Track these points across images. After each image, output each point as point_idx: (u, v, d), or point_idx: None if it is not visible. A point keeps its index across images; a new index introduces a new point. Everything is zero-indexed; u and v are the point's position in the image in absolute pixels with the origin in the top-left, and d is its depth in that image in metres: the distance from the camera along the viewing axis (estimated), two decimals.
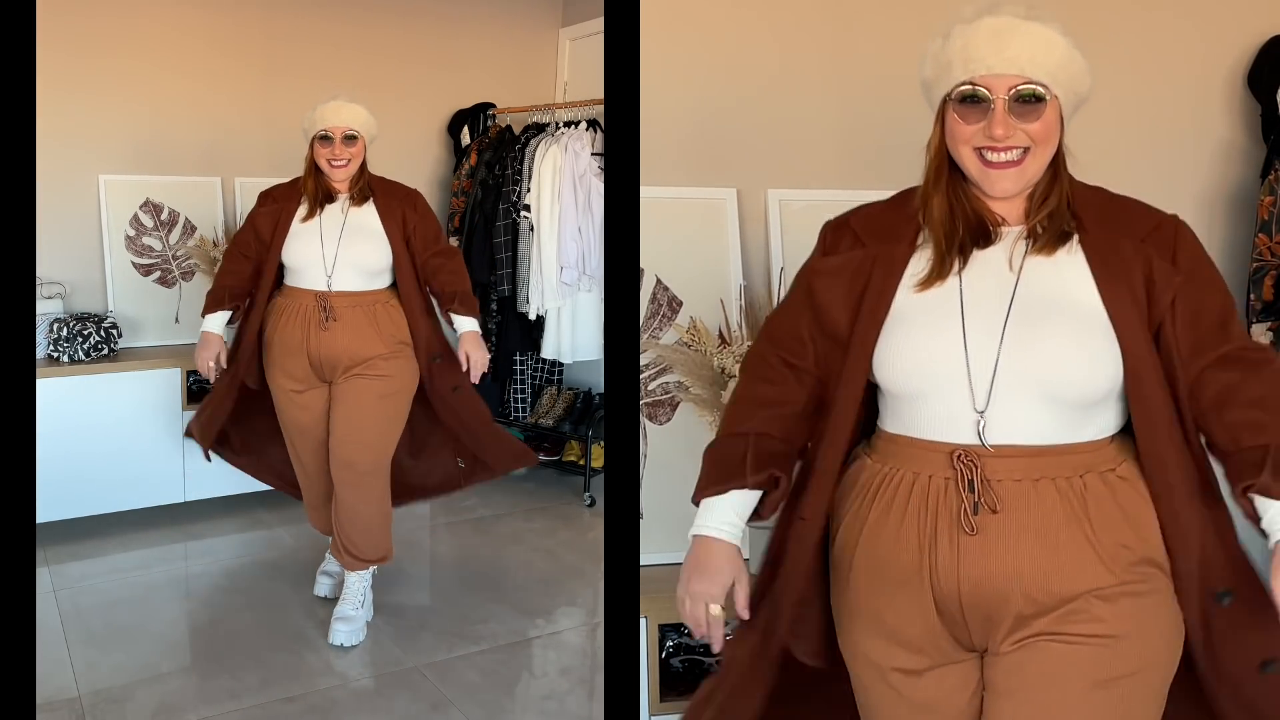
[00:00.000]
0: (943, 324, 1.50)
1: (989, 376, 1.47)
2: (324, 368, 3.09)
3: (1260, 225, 2.66)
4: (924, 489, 1.50)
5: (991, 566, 1.46)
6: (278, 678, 2.93)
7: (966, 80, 1.47)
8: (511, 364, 4.93)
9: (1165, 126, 2.75)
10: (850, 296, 1.58)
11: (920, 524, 1.50)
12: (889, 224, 1.61)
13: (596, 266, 4.47)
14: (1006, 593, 1.46)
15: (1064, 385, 1.46)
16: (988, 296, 1.51)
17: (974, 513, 1.46)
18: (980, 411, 1.47)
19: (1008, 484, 1.47)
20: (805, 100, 2.62)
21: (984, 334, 1.48)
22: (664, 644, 2.43)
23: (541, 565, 3.86)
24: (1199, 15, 2.75)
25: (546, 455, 4.95)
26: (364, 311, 3.07)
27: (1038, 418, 1.47)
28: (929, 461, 1.51)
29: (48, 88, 3.02)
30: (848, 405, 1.57)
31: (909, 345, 1.52)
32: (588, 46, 5.23)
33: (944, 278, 1.52)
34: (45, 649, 3.03)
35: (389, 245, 3.08)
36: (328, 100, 3.05)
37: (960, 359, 1.48)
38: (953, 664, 1.54)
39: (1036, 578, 1.46)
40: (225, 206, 4.67)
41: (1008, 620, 1.48)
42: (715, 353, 2.36)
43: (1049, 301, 1.49)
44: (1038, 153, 1.49)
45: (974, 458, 1.47)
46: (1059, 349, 1.46)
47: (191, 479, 4.16)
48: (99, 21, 4.36)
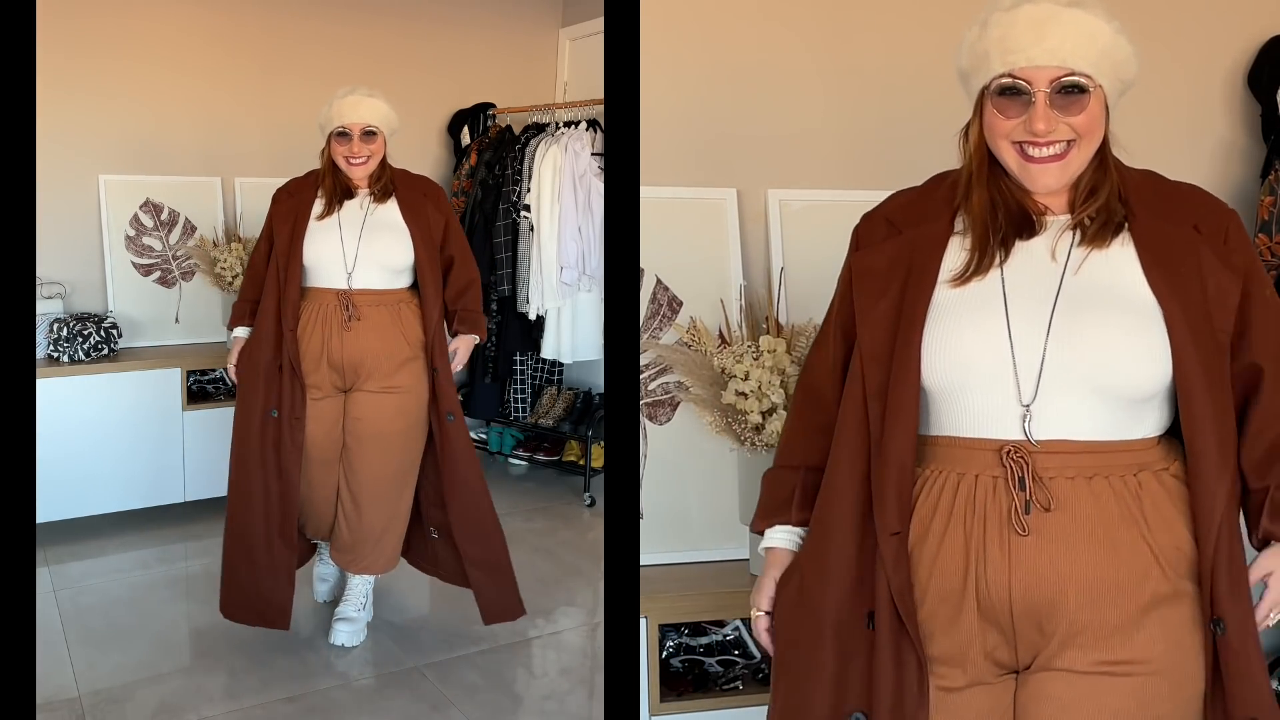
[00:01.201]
0: (986, 317, 1.44)
1: (1036, 369, 1.41)
2: (346, 372, 2.94)
3: (1260, 225, 2.66)
4: (970, 490, 1.43)
5: (1045, 570, 1.39)
6: (278, 678, 2.93)
7: (1005, 72, 1.41)
8: (511, 364, 4.93)
9: (1165, 126, 2.75)
10: (889, 293, 1.51)
11: (967, 527, 1.43)
12: (923, 209, 1.55)
13: (596, 266, 4.47)
14: (1061, 597, 1.39)
15: (1113, 378, 1.40)
16: (1032, 288, 1.45)
17: (1026, 512, 1.40)
18: (1026, 405, 1.42)
19: (1060, 481, 1.40)
20: (805, 100, 2.62)
21: (1029, 326, 1.43)
22: (664, 644, 2.43)
23: (541, 565, 3.86)
24: (1199, 15, 2.75)
25: (546, 455, 4.95)
26: (388, 311, 2.94)
27: (1088, 412, 1.41)
28: (974, 460, 1.44)
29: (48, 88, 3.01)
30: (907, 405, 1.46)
31: (952, 340, 1.45)
32: (588, 46, 5.23)
33: (984, 273, 1.46)
34: (45, 649, 3.03)
35: (411, 242, 2.93)
36: (345, 93, 2.92)
37: (1005, 352, 1.42)
38: (986, 685, 1.46)
39: (1094, 580, 1.39)
40: (225, 206, 4.67)
41: (1062, 627, 1.40)
42: (715, 353, 2.36)
43: (1097, 292, 1.43)
44: (1082, 145, 1.43)
45: (1024, 454, 1.41)
46: (1108, 341, 1.40)
47: (191, 479, 4.17)
48: (99, 22, 4.36)
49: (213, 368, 4.43)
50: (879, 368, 1.49)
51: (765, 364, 2.31)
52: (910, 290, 1.49)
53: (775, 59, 2.61)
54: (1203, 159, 2.79)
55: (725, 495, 2.48)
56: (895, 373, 1.46)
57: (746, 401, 2.30)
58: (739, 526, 2.43)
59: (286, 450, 2.88)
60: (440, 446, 2.95)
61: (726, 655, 2.47)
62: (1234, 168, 2.80)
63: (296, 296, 2.90)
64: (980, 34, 1.44)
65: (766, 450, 2.31)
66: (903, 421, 1.45)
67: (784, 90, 2.61)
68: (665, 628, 2.43)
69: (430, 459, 3.02)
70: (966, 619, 1.43)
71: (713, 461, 2.50)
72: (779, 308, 2.49)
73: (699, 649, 2.48)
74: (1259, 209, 2.67)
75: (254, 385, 2.91)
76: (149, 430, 4.07)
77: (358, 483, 3.00)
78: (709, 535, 2.51)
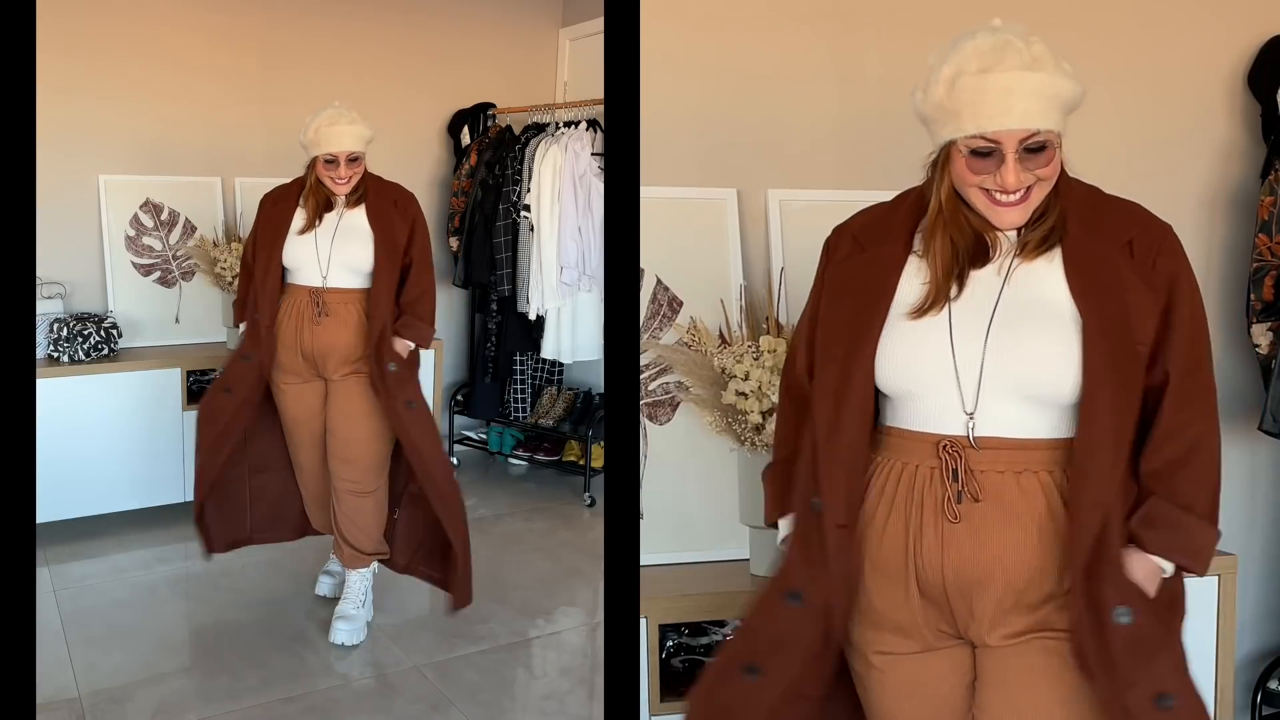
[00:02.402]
0: (931, 330, 1.57)
1: (975, 380, 1.55)
2: (317, 362, 3.12)
3: (1260, 225, 2.66)
4: (910, 478, 1.58)
5: (974, 554, 1.54)
6: (278, 678, 2.93)
7: (978, 134, 1.51)
8: (511, 364, 4.93)
9: (1165, 126, 2.75)
10: (850, 304, 1.64)
11: (907, 513, 1.58)
12: (886, 229, 1.67)
13: (596, 266, 4.47)
14: (988, 579, 1.54)
15: (1041, 385, 1.53)
16: (975, 302, 1.57)
17: (957, 501, 1.54)
18: (969, 413, 1.55)
19: (990, 475, 1.54)
20: (805, 100, 2.62)
21: (970, 339, 1.56)
22: (664, 644, 2.43)
23: (541, 565, 3.86)
24: (1199, 15, 2.75)
25: (546, 455, 4.95)
26: (357, 308, 3.11)
27: (1021, 415, 1.54)
28: (916, 451, 1.59)
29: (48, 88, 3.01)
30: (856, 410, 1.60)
31: (900, 353, 1.58)
32: (588, 46, 5.23)
33: (940, 307, 1.58)
34: (45, 649, 3.03)
35: (373, 246, 3.08)
36: (328, 121, 3.03)
37: (949, 364, 1.56)
38: (939, 650, 1.62)
39: (1018, 567, 1.53)
40: (225, 206, 4.67)
41: (989, 608, 1.55)
42: (715, 353, 2.36)
43: (1029, 305, 1.55)
44: (1042, 186, 1.55)
45: (959, 448, 1.55)
46: (1036, 350, 1.53)
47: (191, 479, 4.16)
48: (99, 22, 4.36)
49: (213, 368, 4.42)
50: (833, 369, 1.63)
51: (765, 364, 2.31)
52: (867, 304, 1.62)
53: (776, 59, 2.61)
54: (1203, 159, 2.79)
55: (725, 495, 2.48)
56: (849, 379, 1.60)
57: (746, 401, 2.30)
58: (739, 526, 2.43)
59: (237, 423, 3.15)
60: (401, 433, 3.06)
61: None
62: (1234, 168, 2.80)
63: (275, 295, 3.14)
64: (948, 92, 1.52)
65: (766, 450, 2.31)
66: (853, 425, 1.60)
67: (784, 90, 2.61)
68: (665, 628, 2.43)
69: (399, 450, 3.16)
70: (910, 594, 1.59)
71: (713, 461, 2.50)
72: (779, 308, 2.49)
73: (699, 649, 2.48)
74: (1259, 209, 2.67)
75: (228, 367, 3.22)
76: (149, 430, 4.07)
77: (342, 464, 3.13)
78: (709, 535, 2.51)
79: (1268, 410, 2.57)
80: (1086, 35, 2.66)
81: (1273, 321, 2.65)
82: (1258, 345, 2.68)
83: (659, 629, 2.29)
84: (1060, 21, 1.47)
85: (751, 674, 1.64)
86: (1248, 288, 2.69)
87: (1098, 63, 2.59)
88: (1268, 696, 2.77)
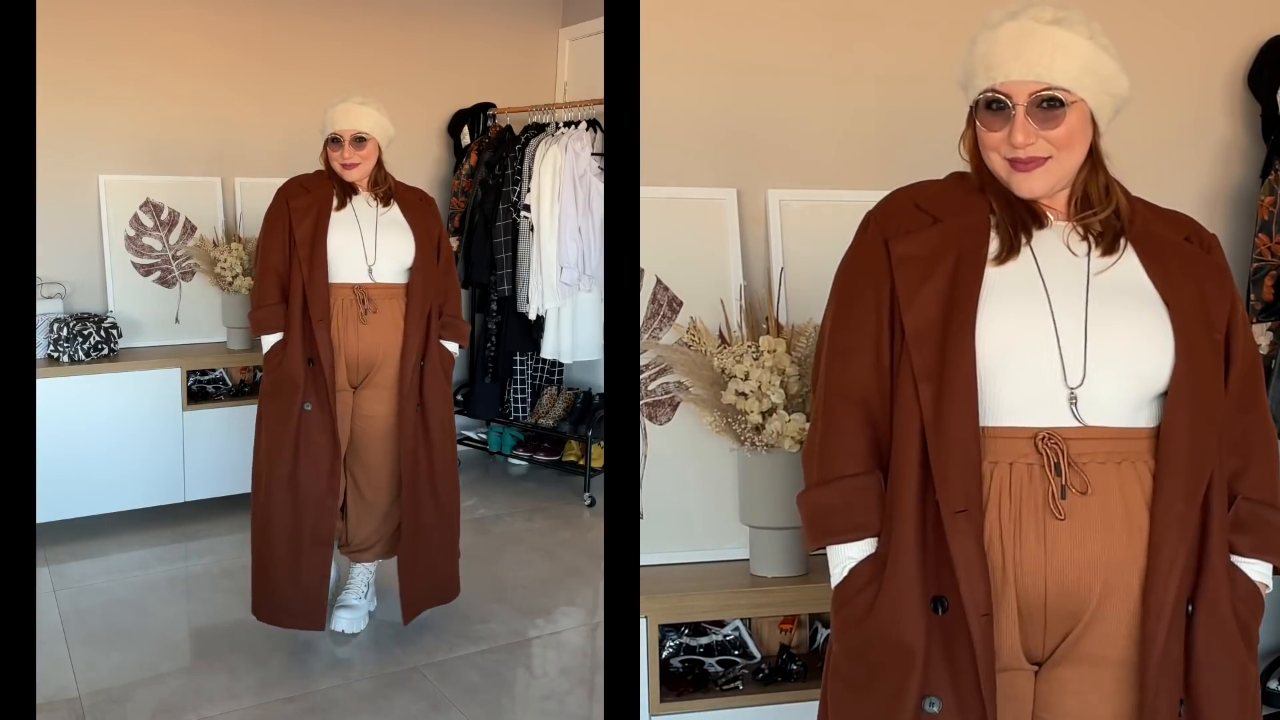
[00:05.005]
0: (1030, 300, 1.49)
1: (1080, 353, 1.46)
2: (360, 367, 3.00)
3: (1260, 225, 2.66)
4: (1003, 479, 1.45)
5: (1080, 554, 1.43)
6: (278, 678, 2.93)
7: (989, 87, 1.47)
8: (511, 364, 4.93)
9: (1165, 126, 2.74)
10: (939, 278, 1.50)
11: (1000, 517, 1.45)
12: (959, 200, 1.57)
13: (596, 266, 4.47)
14: (1092, 582, 1.43)
15: (1148, 365, 1.46)
16: (1064, 278, 1.51)
17: (1062, 496, 1.43)
18: (1073, 388, 1.46)
19: (1094, 465, 1.44)
20: (806, 100, 2.62)
21: (1067, 313, 1.48)
22: (664, 644, 2.43)
23: (541, 565, 3.86)
24: (1199, 15, 2.75)
25: (546, 455, 4.95)
26: (399, 304, 3.02)
27: (1124, 397, 1.47)
28: (1008, 450, 1.46)
29: (48, 88, 3.02)
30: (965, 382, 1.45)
31: (999, 320, 1.47)
32: (588, 46, 5.23)
33: (1017, 251, 1.51)
34: (45, 649, 3.03)
35: (414, 240, 3.03)
36: (339, 101, 2.99)
37: (1050, 332, 1.46)
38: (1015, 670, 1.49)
39: (1122, 565, 1.44)
40: (225, 206, 4.67)
41: (1112, 612, 1.44)
42: (715, 353, 2.36)
43: (1118, 289, 1.50)
44: (1061, 158, 1.49)
45: (1059, 440, 1.44)
46: (1138, 332, 1.47)
47: (191, 479, 4.17)
48: (99, 22, 4.36)
49: (213, 368, 4.44)
50: (929, 349, 1.48)
51: (765, 364, 2.31)
52: (963, 273, 1.49)
53: (776, 59, 2.61)
54: (1203, 159, 2.79)
55: (725, 495, 2.48)
56: (950, 353, 1.46)
57: (746, 401, 2.30)
58: (739, 526, 2.43)
59: (322, 446, 2.89)
60: (422, 434, 3.03)
61: (726, 655, 2.47)
62: (1234, 168, 2.80)
63: (325, 288, 2.91)
64: (970, 51, 1.51)
65: (766, 450, 2.31)
66: (962, 398, 1.45)
67: (784, 90, 2.61)
68: (665, 628, 2.43)
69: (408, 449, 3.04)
70: (1007, 607, 1.45)
71: (713, 461, 2.50)
72: (779, 308, 2.49)
73: (699, 649, 2.48)
74: (1259, 209, 2.67)
75: (284, 382, 2.90)
76: (149, 430, 4.07)
77: (367, 477, 3.09)
78: (709, 535, 2.51)
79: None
80: None
81: (1273, 321, 2.65)
82: (1258, 345, 2.68)
83: (659, 629, 2.29)
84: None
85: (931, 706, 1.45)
86: (1248, 288, 2.69)
87: None
88: (1268, 696, 2.77)
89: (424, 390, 3.03)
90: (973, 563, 1.42)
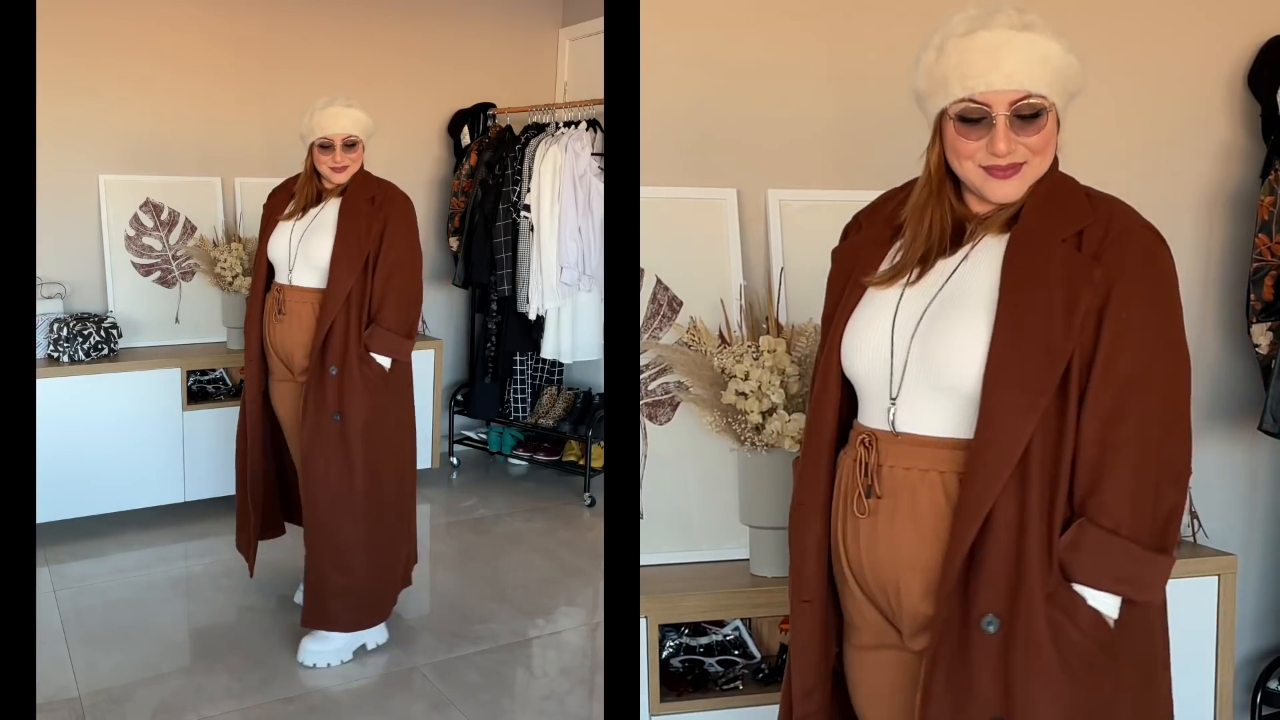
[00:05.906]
0: (878, 314, 1.55)
1: (901, 367, 1.51)
2: (285, 360, 3.06)
3: (1260, 225, 2.66)
4: (844, 473, 1.58)
5: (874, 552, 1.53)
6: (278, 678, 2.93)
7: (966, 97, 1.45)
8: (511, 364, 4.93)
9: (1165, 126, 2.74)
10: (837, 286, 1.64)
11: (839, 506, 1.58)
12: (884, 207, 1.66)
13: (596, 266, 4.47)
14: (898, 580, 1.51)
15: (952, 378, 1.46)
16: (924, 288, 1.54)
17: (866, 496, 1.53)
18: (893, 399, 1.52)
19: (897, 471, 1.51)
20: (805, 100, 2.62)
21: (905, 326, 1.52)
22: (664, 644, 2.43)
23: (541, 565, 3.86)
24: (1199, 15, 2.75)
25: (546, 455, 4.95)
26: (311, 309, 2.95)
27: (933, 408, 1.49)
28: (852, 447, 1.58)
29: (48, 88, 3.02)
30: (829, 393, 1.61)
31: (851, 340, 1.57)
32: (588, 46, 5.23)
33: (895, 283, 1.56)
34: (45, 649, 3.03)
35: (332, 241, 2.92)
36: (324, 105, 2.96)
37: (885, 350, 1.53)
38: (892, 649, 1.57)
39: (910, 569, 1.49)
40: (225, 206, 4.67)
41: (909, 610, 1.51)
42: (715, 353, 2.36)
43: (963, 293, 1.49)
44: (1035, 163, 1.49)
45: (875, 442, 1.53)
46: (950, 339, 1.47)
47: (191, 479, 4.17)
48: (99, 22, 4.36)
49: (213, 368, 4.44)
50: (821, 353, 1.63)
51: (765, 364, 2.31)
52: (848, 285, 1.61)
53: (775, 59, 2.61)
54: (1203, 159, 2.79)
55: (725, 495, 2.48)
56: (825, 363, 1.61)
57: (746, 401, 2.30)
58: (739, 526, 2.43)
59: (252, 425, 3.12)
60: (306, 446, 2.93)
61: (726, 655, 2.47)
62: (1234, 168, 2.80)
63: (261, 288, 3.13)
64: (937, 59, 1.48)
65: (766, 450, 2.31)
66: (825, 402, 1.60)
67: (784, 91, 2.61)
68: (665, 628, 2.43)
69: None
70: (850, 585, 1.59)
71: (713, 461, 2.50)
72: (779, 308, 2.49)
73: (699, 649, 2.48)
74: (1259, 209, 2.67)
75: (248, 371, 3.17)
76: (149, 430, 4.07)
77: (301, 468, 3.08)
78: (709, 535, 2.51)
79: (1268, 410, 2.57)
80: (1086, 35, 2.64)
81: (1273, 321, 2.65)
82: (1258, 345, 2.68)
83: (659, 629, 2.29)
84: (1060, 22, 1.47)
85: None
86: (1248, 288, 2.69)
87: (1098, 63, 2.58)
88: (1268, 696, 2.78)
89: (343, 402, 2.89)
90: (803, 552, 1.60)
